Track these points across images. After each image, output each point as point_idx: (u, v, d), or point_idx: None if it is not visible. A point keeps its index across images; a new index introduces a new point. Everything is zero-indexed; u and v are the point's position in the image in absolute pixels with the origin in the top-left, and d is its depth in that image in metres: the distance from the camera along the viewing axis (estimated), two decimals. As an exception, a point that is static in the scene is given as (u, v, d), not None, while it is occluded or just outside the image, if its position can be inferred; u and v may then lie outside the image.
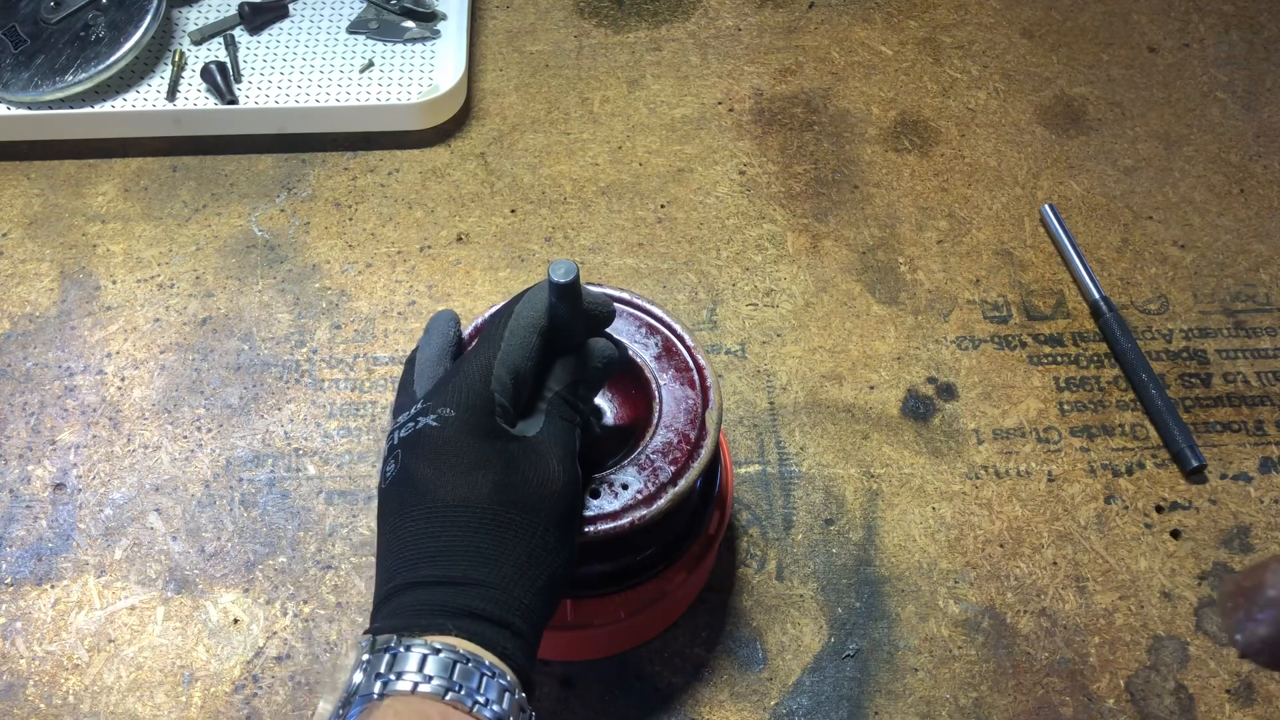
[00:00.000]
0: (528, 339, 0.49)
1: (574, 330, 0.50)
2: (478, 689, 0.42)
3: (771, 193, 0.87)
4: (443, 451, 0.46)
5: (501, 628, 0.44)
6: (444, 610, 0.44)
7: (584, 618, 0.59)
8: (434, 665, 0.42)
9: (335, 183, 0.88)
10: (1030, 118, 0.92)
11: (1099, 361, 0.78)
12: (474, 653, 0.43)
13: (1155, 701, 0.65)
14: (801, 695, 0.65)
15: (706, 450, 0.54)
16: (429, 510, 0.46)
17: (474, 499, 0.46)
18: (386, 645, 0.43)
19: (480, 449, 0.46)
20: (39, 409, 0.76)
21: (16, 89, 0.87)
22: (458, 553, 0.45)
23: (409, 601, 0.44)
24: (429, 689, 0.41)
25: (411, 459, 0.47)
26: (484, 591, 0.44)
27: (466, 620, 0.44)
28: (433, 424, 0.47)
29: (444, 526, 0.45)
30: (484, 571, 0.45)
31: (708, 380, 0.57)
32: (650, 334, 0.58)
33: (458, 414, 0.47)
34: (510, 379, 0.48)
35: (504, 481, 0.46)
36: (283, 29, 0.95)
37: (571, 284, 0.47)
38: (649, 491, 0.53)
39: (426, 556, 0.45)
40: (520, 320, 0.49)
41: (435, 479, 0.46)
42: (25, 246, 0.84)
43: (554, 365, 0.50)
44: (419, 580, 0.45)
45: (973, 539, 0.70)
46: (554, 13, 0.99)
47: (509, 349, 0.48)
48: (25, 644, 0.67)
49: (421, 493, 0.46)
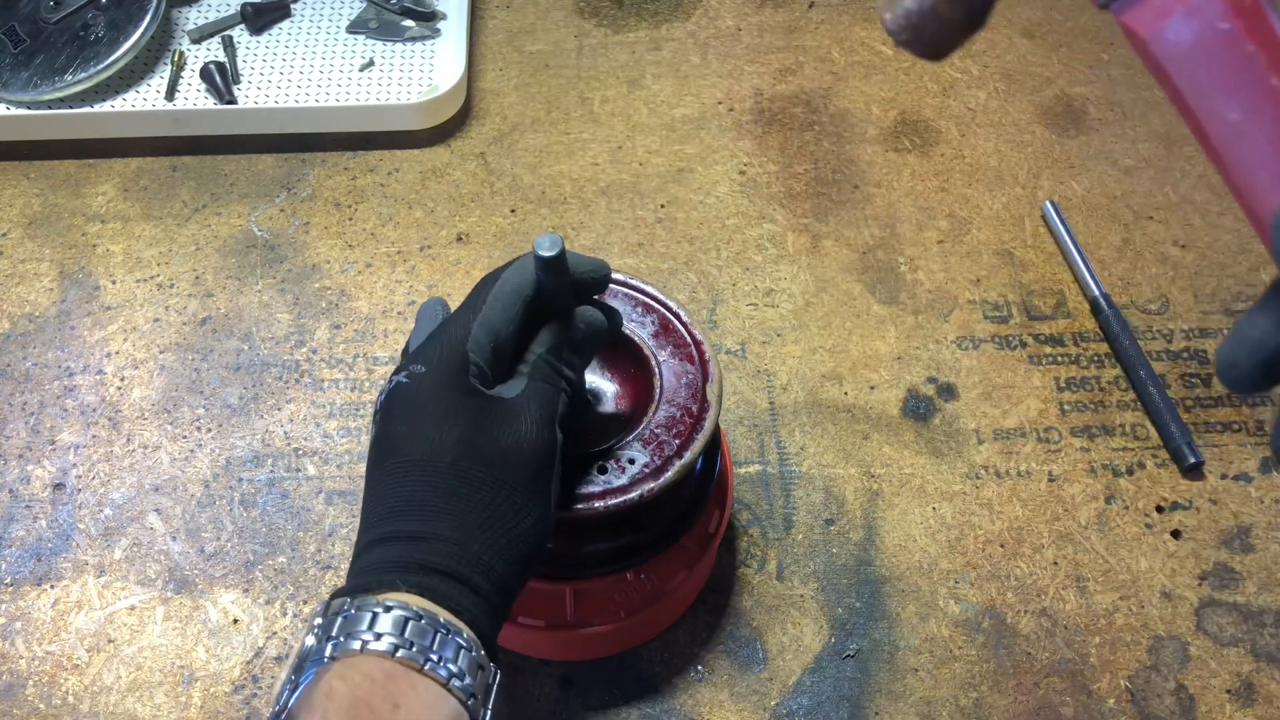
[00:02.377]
0: (510, 304, 0.48)
1: (562, 298, 0.49)
2: (431, 645, 0.41)
3: (771, 193, 0.87)
4: (411, 406, 0.46)
5: (458, 582, 0.43)
6: (398, 566, 0.43)
7: (584, 618, 0.59)
8: (384, 623, 0.41)
9: (335, 183, 0.88)
10: (1031, 118, 0.92)
11: (1099, 361, 0.78)
12: (427, 609, 0.42)
13: (1156, 701, 0.65)
14: (802, 695, 0.65)
15: (709, 422, 0.55)
16: (395, 465, 0.45)
17: (438, 453, 0.45)
18: (340, 608, 0.42)
19: (449, 404, 0.46)
20: (39, 409, 0.76)
21: (16, 89, 0.87)
22: (417, 507, 0.44)
23: (369, 560, 0.44)
24: (379, 647, 0.40)
25: (386, 417, 0.47)
26: (441, 545, 0.44)
27: (420, 575, 0.43)
28: (403, 380, 0.47)
29: (406, 481, 0.45)
30: (441, 525, 0.44)
31: (706, 355, 0.58)
32: (647, 312, 0.59)
33: (429, 370, 0.47)
34: (488, 341, 0.47)
35: (470, 437, 0.45)
36: (282, 29, 0.95)
37: (556, 259, 0.47)
38: (656, 465, 0.54)
39: (389, 513, 0.45)
40: (505, 286, 0.49)
41: (403, 434, 0.46)
42: (25, 246, 0.84)
43: (539, 330, 0.50)
44: (380, 537, 0.44)
45: (973, 539, 0.70)
46: (554, 13, 0.99)
47: (490, 312, 0.48)
48: (25, 644, 0.67)
49: (391, 449, 0.46)
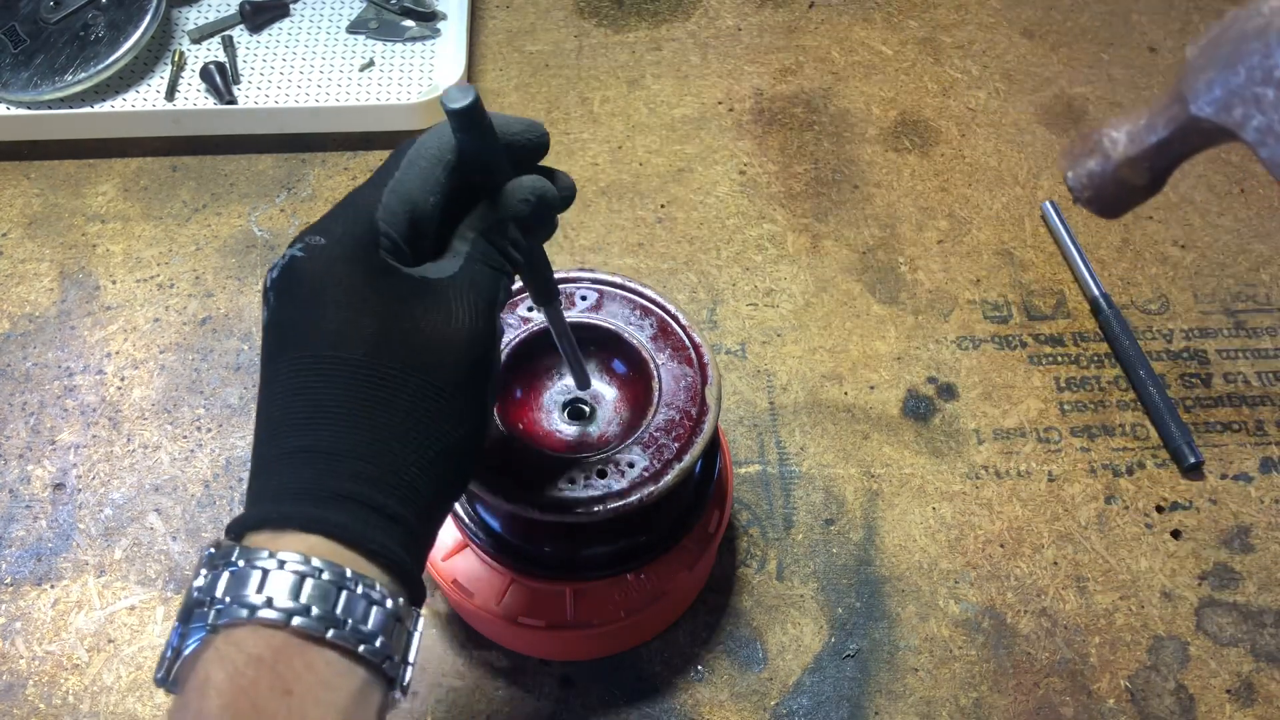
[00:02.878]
0: (430, 171, 0.41)
1: (494, 166, 0.42)
2: (334, 608, 0.35)
3: (771, 193, 0.87)
4: (311, 288, 0.38)
5: (372, 511, 0.37)
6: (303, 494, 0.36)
7: (584, 618, 0.59)
8: (278, 584, 0.35)
9: (335, 183, 0.88)
10: (1031, 117, 0.92)
11: (1099, 361, 0.78)
12: (331, 559, 0.36)
13: (1156, 702, 0.65)
14: (802, 695, 0.65)
15: (709, 425, 0.55)
16: (294, 361, 0.38)
17: (346, 347, 0.37)
18: (226, 558, 0.36)
19: (356, 285, 0.38)
20: (39, 409, 0.76)
21: (16, 89, 0.87)
22: (324, 415, 0.37)
23: (269, 483, 0.37)
24: (270, 616, 0.34)
25: (278, 300, 0.39)
26: (352, 465, 0.37)
27: (326, 507, 0.36)
28: (298, 254, 0.39)
29: (310, 382, 0.38)
30: (353, 439, 0.37)
31: (705, 357, 0.58)
32: (644, 315, 0.59)
33: (329, 241, 0.39)
34: (403, 210, 0.40)
35: (387, 327, 0.38)
36: (282, 28, 0.95)
37: (469, 109, 0.39)
38: (655, 468, 0.54)
39: (291, 421, 0.38)
40: (420, 150, 0.41)
41: (301, 322, 0.38)
42: (25, 246, 0.84)
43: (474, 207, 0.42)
44: (282, 451, 0.37)
45: (973, 539, 0.70)
46: (554, 13, 0.99)
47: (403, 178, 0.40)
48: (25, 644, 0.67)
49: (286, 341, 0.38)
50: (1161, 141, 0.43)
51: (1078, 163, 0.46)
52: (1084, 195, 0.46)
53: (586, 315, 0.59)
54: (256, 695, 0.33)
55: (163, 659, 0.36)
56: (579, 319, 0.59)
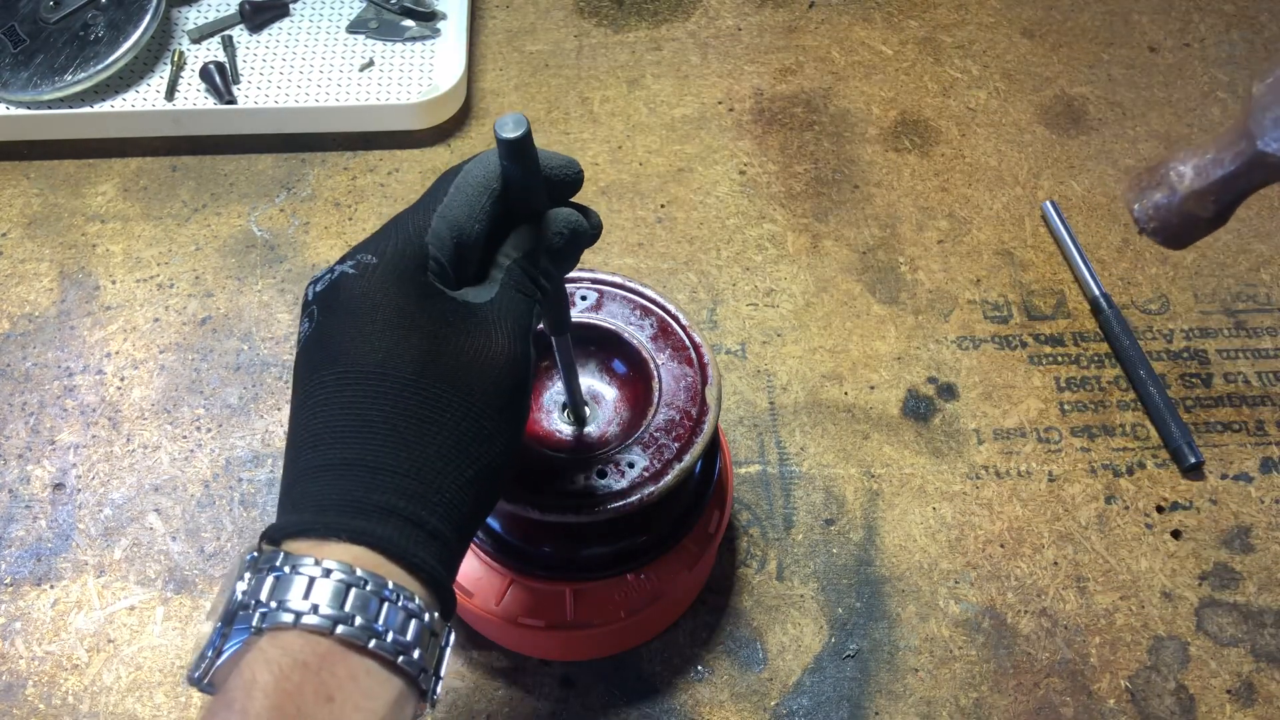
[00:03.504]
0: (475, 198, 0.42)
1: (533, 196, 0.44)
2: (375, 618, 0.36)
3: (771, 192, 0.87)
4: (360, 305, 0.39)
5: (415, 527, 0.38)
6: (346, 505, 0.37)
7: (584, 618, 0.59)
8: (323, 591, 0.35)
9: (335, 182, 0.88)
10: (1031, 117, 0.92)
11: (1099, 361, 0.78)
12: (374, 571, 0.36)
13: (1156, 702, 0.65)
14: (802, 695, 0.65)
15: (709, 425, 0.55)
16: (341, 376, 0.39)
17: (394, 366, 0.38)
18: (271, 562, 0.36)
19: (406, 306, 0.39)
20: (38, 409, 0.76)
21: (16, 89, 0.87)
22: (370, 431, 0.38)
23: (311, 493, 0.38)
24: (314, 622, 0.35)
25: (325, 314, 0.40)
26: (397, 481, 0.38)
27: (371, 520, 0.37)
28: (349, 271, 0.40)
29: (357, 397, 0.38)
30: (399, 456, 0.38)
31: (705, 357, 0.58)
32: (644, 315, 0.59)
33: (380, 262, 0.40)
34: (450, 236, 0.41)
35: (433, 348, 0.39)
36: (282, 28, 0.95)
37: (521, 140, 0.41)
38: (655, 468, 0.54)
39: (334, 434, 0.38)
40: (468, 178, 0.42)
41: (350, 338, 0.39)
42: (25, 246, 0.84)
43: (510, 234, 0.43)
44: (324, 463, 0.38)
45: (973, 539, 0.70)
46: (554, 12, 0.99)
47: (451, 203, 0.41)
48: (25, 644, 0.67)
49: (333, 354, 0.39)
50: (1228, 176, 0.44)
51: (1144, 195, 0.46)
52: (1150, 226, 0.46)
53: (587, 315, 0.59)
54: (301, 700, 0.34)
55: (202, 658, 0.36)
56: (579, 318, 0.59)
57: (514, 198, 0.43)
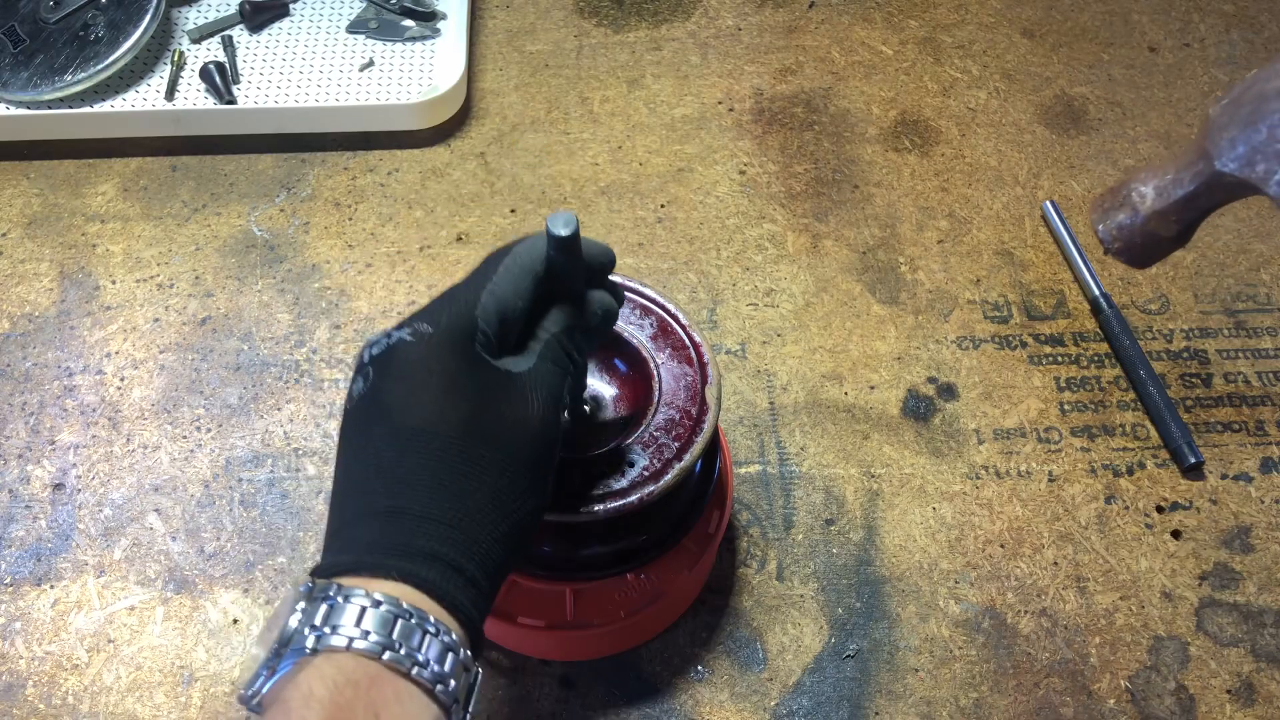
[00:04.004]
0: (521, 279, 0.46)
1: (573, 279, 0.48)
2: (418, 648, 0.39)
3: (772, 192, 0.87)
4: (415, 369, 0.43)
5: (455, 572, 0.41)
6: (394, 549, 0.41)
7: (584, 618, 0.59)
8: (373, 620, 0.39)
9: (335, 182, 0.88)
10: (1031, 117, 0.92)
11: (1099, 361, 0.78)
12: (418, 607, 0.40)
13: (1156, 702, 0.65)
14: (802, 696, 0.65)
15: (709, 424, 0.55)
16: (393, 432, 0.43)
17: (443, 425, 0.42)
18: (325, 593, 0.40)
19: (455, 372, 0.43)
20: (38, 409, 0.76)
21: (16, 89, 0.87)
22: (418, 483, 0.42)
23: (361, 536, 0.42)
24: (364, 647, 0.38)
25: (381, 376, 0.44)
26: (441, 530, 0.41)
27: (417, 563, 0.41)
28: (407, 338, 0.44)
29: (406, 452, 0.42)
30: (444, 507, 0.42)
31: (705, 356, 0.58)
32: (645, 315, 0.59)
33: (435, 331, 0.44)
34: (496, 311, 0.45)
35: (478, 412, 0.43)
36: (282, 28, 0.95)
37: (570, 238, 0.45)
38: (655, 468, 0.54)
39: (383, 484, 0.42)
40: (516, 260, 0.47)
41: (403, 398, 0.43)
42: (25, 246, 0.84)
43: (549, 311, 0.48)
44: (373, 510, 0.42)
45: (973, 539, 0.70)
46: (554, 12, 0.99)
47: (499, 282, 0.46)
48: (25, 644, 0.67)
49: (387, 412, 0.43)
50: (1188, 196, 0.44)
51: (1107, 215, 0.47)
52: (1114, 247, 0.48)
53: None
54: (352, 714, 0.37)
55: (255, 678, 0.39)
56: None
57: (555, 280, 0.48)
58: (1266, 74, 0.42)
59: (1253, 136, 0.41)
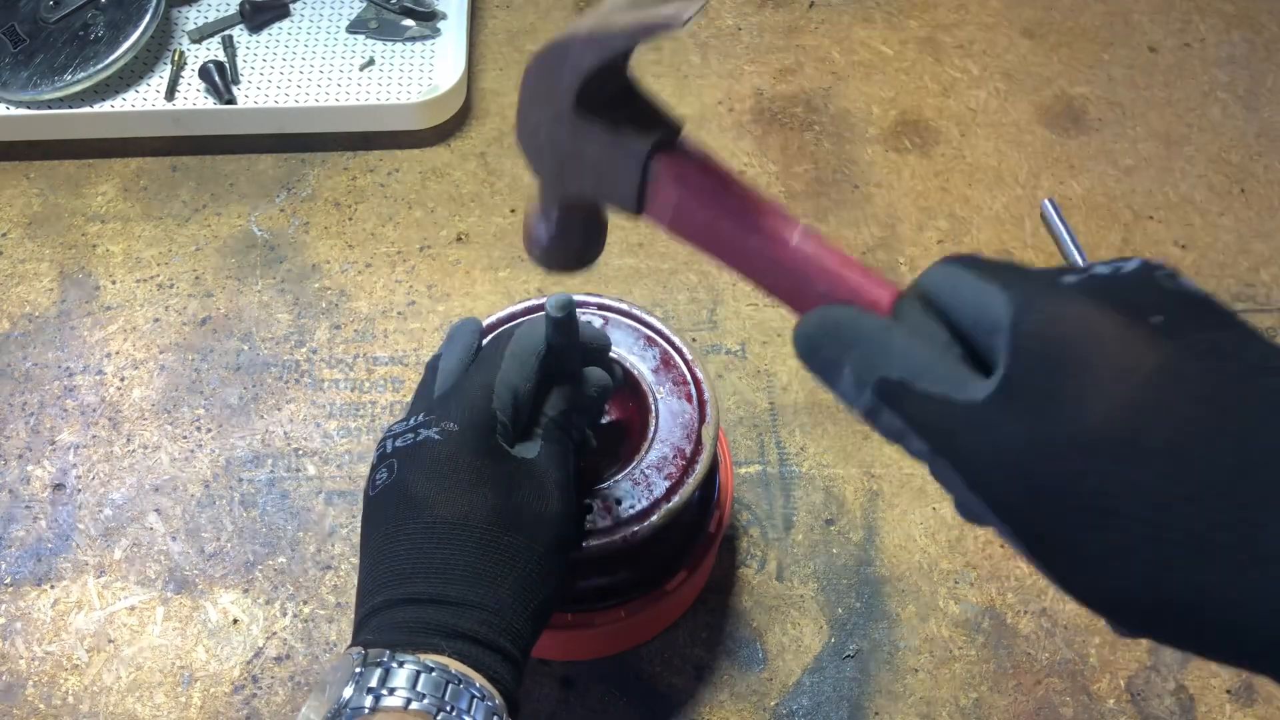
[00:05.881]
0: (527, 362, 0.49)
1: (570, 358, 0.50)
2: (467, 710, 0.42)
3: (772, 192, 0.87)
4: (444, 466, 0.46)
5: (493, 651, 0.44)
6: (438, 630, 0.44)
7: (584, 618, 0.59)
8: (426, 683, 0.42)
9: (335, 183, 0.88)
10: (1031, 118, 0.92)
11: (1099, 361, 0.78)
12: (465, 674, 0.43)
13: (1155, 702, 0.65)
14: (802, 695, 0.65)
15: (702, 466, 0.54)
16: (427, 526, 0.45)
17: (473, 518, 0.45)
18: (379, 659, 0.42)
19: (481, 467, 0.46)
20: (38, 409, 0.76)
21: (16, 88, 0.87)
22: (454, 572, 0.45)
23: (402, 617, 0.44)
24: (420, 707, 0.41)
25: (409, 470, 0.47)
26: (478, 614, 0.44)
27: (460, 642, 0.44)
28: (435, 437, 0.47)
29: (440, 544, 0.45)
30: (479, 594, 0.45)
31: (705, 394, 0.56)
32: (649, 345, 0.58)
33: (461, 429, 0.47)
34: (510, 399, 0.48)
35: (504, 504, 0.46)
36: (282, 28, 0.95)
37: (567, 319, 0.48)
38: (643, 507, 0.53)
39: (420, 573, 0.45)
40: (520, 344, 0.49)
41: (434, 494, 0.46)
42: (25, 246, 0.84)
43: (550, 392, 0.50)
44: (412, 596, 0.45)
45: (973, 539, 0.70)
46: (554, 12, 0.99)
47: (508, 370, 0.48)
48: (25, 644, 0.67)
49: (418, 507, 0.46)
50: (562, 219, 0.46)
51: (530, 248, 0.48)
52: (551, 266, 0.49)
53: None
54: None
55: None
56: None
57: (555, 360, 0.50)
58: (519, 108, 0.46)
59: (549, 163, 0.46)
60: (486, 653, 0.44)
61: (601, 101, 0.43)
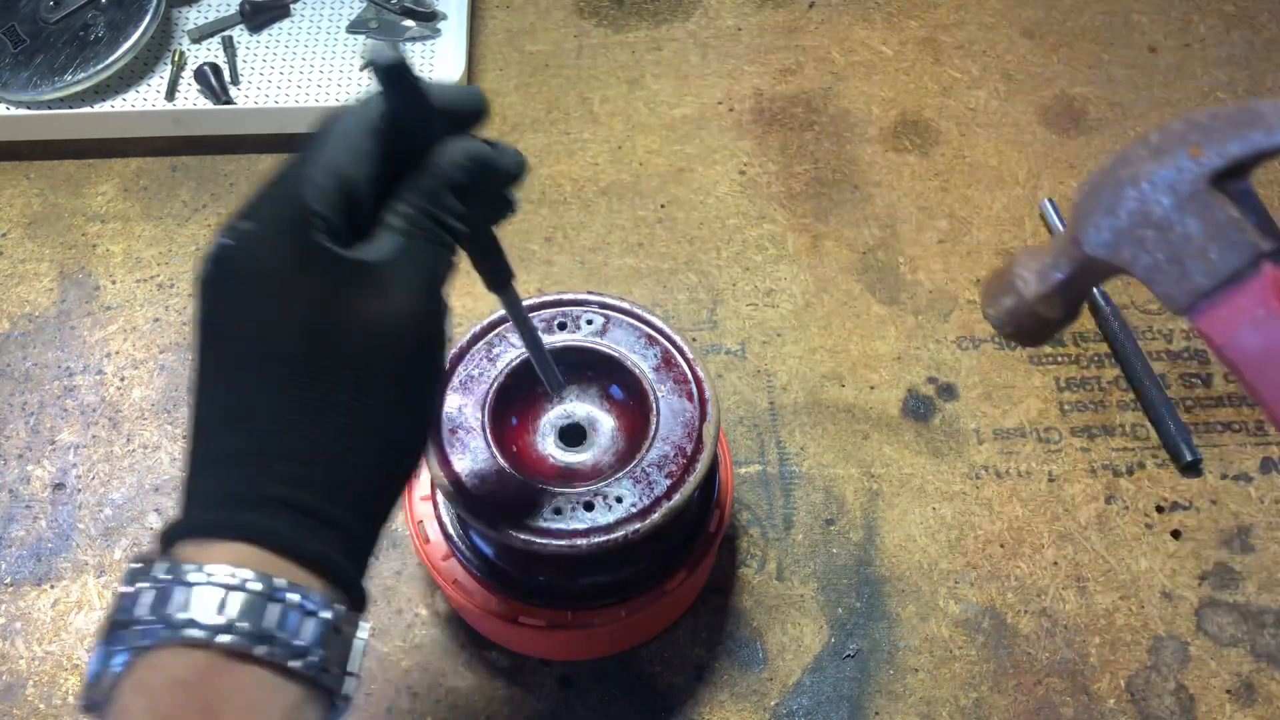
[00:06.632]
0: (356, 140, 0.38)
1: (428, 133, 0.39)
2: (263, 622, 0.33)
3: (772, 193, 0.87)
4: (239, 279, 0.36)
5: (308, 517, 0.35)
6: (233, 500, 0.34)
7: (584, 618, 0.59)
8: (203, 599, 0.32)
9: (335, 182, 0.88)
10: (1031, 117, 0.92)
11: (1099, 361, 0.78)
12: (263, 571, 0.33)
13: (1156, 702, 0.65)
14: (802, 695, 0.65)
15: (703, 464, 0.54)
16: (223, 356, 0.36)
17: (277, 342, 0.35)
18: (151, 575, 0.34)
19: (287, 272, 0.35)
20: (38, 409, 0.76)
21: (16, 89, 0.87)
22: (254, 414, 0.35)
23: (200, 488, 0.36)
24: (194, 634, 0.32)
25: (209, 290, 0.37)
26: (287, 467, 0.35)
27: (259, 513, 0.34)
28: (226, 243, 0.36)
29: (239, 376, 0.35)
30: (287, 439, 0.35)
31: (706, 393, 0.56)
32: (650, 344, 0.58)
33: (259, 228, 0.36)
34: (334, 186, 0.37)
35: (321, 317, 0.35)
36: (282, 28, 0.95)
37: (396, 67, 0.37)
38: (643, 505, 0.53)
39: (222, 420, 0.36)
40: (346, 119, 0.38)
41: (231, 312, 0.36)
42: (25, 246, 0.84)
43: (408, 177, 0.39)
44: (213, 455, 0.35)
45: (973, 539, 0.70)
46: (554, 12, 0.99)
47: (332, 150, 0.37)
48: (25, 644, 0.67)
49: (215, 332, 0.36)
50: (1066, 279, 0.46)
51: (995, 301, 0.50)
52: (1006, 330, 0.49)
53: (592, 340, 0.58)
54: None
55: (88, 687, 0.34)
56: (584, 343, 0.58)
57: (404, 136, 0.39)
58: (1120, 160, 0.43)
59: (1114, 223, 0.43)
60: (297, 522, 0.35)
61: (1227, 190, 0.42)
